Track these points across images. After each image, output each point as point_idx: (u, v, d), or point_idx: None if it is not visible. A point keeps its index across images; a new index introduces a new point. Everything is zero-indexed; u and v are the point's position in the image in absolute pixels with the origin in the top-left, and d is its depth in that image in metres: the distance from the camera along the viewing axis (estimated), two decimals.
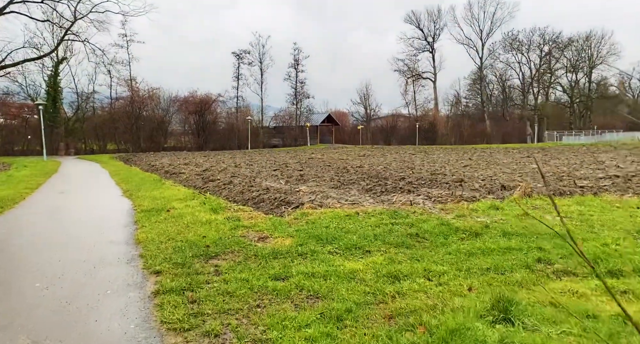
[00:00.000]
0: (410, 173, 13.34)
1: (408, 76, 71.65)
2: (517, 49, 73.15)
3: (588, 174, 11.72)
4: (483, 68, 74.07)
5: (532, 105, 74.60)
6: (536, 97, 76.34)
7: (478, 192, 8.53)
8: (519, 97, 78.21)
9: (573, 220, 6.03)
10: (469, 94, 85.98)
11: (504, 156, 24.14)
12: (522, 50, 73.36)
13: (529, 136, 71.82)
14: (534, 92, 76.20)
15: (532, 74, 74.11)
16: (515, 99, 79.77)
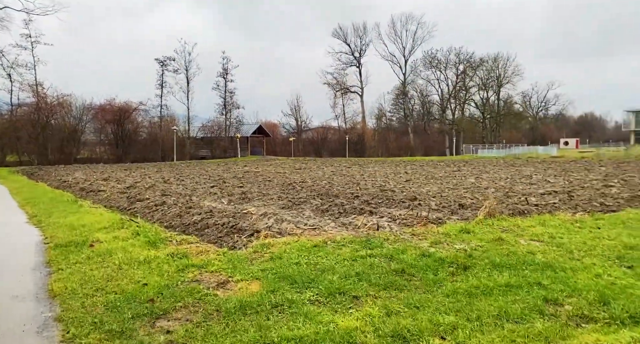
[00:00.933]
0: (358, 189, 12.89)
1: (337, 89, 72.98)
2: (436, 66, 78.12)
3: (527, 189, 12.12)
4: (406, 84, 77.85)
5: (450, 119, 79.91)
6: (453, 112, 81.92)
7: (441, 212, 8.21)
8: (438, 112, 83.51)
9: (548, 244, 5.81)
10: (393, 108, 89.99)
11: (436, 169, 24.95)
12: (440, 68, 78.47)
13: (447, 149, 76.71)
14: (452, 107, 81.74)
15: (449, 91, 79.49)
16: (435, 114, 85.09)
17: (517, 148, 63.52)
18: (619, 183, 12.92)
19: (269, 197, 11.28)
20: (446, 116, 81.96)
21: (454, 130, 77.16)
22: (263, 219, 7.83)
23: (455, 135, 76.17)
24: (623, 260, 5.01)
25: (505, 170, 22.85)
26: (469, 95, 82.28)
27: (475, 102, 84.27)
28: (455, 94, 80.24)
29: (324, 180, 17.10)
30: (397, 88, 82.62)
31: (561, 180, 14.89)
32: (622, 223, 7.05)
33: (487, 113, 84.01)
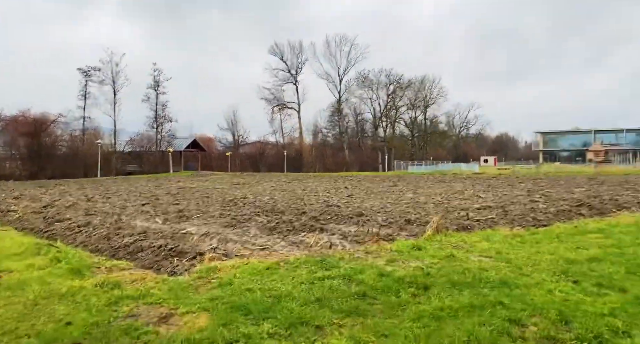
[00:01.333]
0: (303, 205, 12.60)
1: (274, 105, 72.83)
2: (369, 86, 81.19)
3: (463, 204, 12.62)
4: (341, 102, 79.86)
5: (382, 137, 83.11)
6: (385, 130, 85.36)
7: (389, 228, 8.16)
8: (371, 130, 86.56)
9: (497, 260, 5.91)
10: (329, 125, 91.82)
11: (373, 184, 25.45)
12: (372, 88, 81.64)
13: (380, 165, 79.43)
14: (383, 125, 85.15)
15: (381, 110, 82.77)
16: (368, 131, 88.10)
17: (443, 165, 67.40)
18: (542, 198, 13.94)
19: (210, 215, 10.60)
20: (378, 133, 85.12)
21: (385, 147, 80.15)
22: (206, 239, 7.24)
23: (387, 152, 79.18)
24: (568, 275, 5.17)
25: (437, 185, 23.88)
26: (399, 114, 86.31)
27: (404, 121, 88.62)
28: (386, 113, 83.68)
29: (266, 195, 16.61)
30: (332, 106, 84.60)
31: (490, 195, 15.77)
32: (557, 237, 7.44)
33: (415, 131, 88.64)
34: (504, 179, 32.82)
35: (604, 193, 15.34)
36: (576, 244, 6.81)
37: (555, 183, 24.05)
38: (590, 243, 6.90)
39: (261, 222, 9.31)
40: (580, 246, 6.61)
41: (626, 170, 46.81)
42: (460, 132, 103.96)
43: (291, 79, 75.03)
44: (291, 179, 33.52)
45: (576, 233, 7.79)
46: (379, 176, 42.67)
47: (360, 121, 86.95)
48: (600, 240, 7.09)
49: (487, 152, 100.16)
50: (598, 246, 6.58)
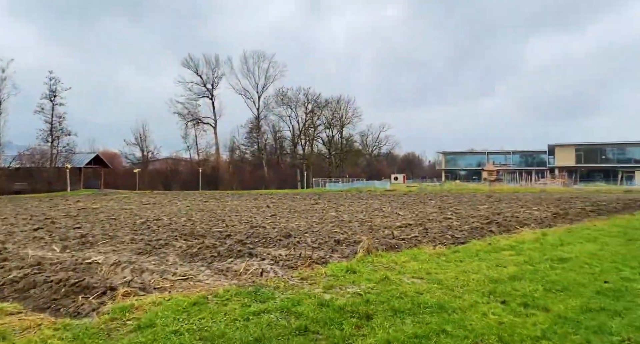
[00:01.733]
0: (226, 227, 11.90)
1: (188, 119, 69.82)
2: (287, 104, 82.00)
3: (385, 222, 12.95)
4: (260, 118, 79.41)
5: (301, 154, 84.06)
6: (304, 148, 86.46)
7: (321, 250, 7.93)
8: (290, 147, 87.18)
9: (429, 282, 5.98)
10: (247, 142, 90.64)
11: (295, 202, 25.29)
12: (291, 106, 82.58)
13: (299, 182, 79.99)
14: (302, 143, 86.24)
15: (299, 127, 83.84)
16: (287, 148, 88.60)
17: (358, 182, 69.82)
18: (453, 216, 14.87)
19: (119, 240, 9.47)
20: (297, 151, 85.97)
21: (304, 165, 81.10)
22: (117, 270, 6.36)
23: (306, 169, 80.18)
24: (495, 295, 5.35)
25: (357, 203, 24.48)
26: (317, 133, 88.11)
27: (322, 139, 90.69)
28: (305, 131, 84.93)
29: (183, 216, 15.49)
30: (251, 122, 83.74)
31: (408, 213, 16.47)
32: (476, 255, 7.84)
33: (332, 149, 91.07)
34: (415, 196, 34.85)
35: (505, 211, 16.88)
36: (495, 262, 7.21)
37: (460, 201, 26.08)
38: (506, 260, 7.36)
39: (180, 248, 8.52)
40: (499, 265, 7.01)
41: (515, 188, 52.79)
42: (372, 151, 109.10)
43: (207, 93, 72.90)
44: (208, 198, 32.02)
45: (492, 250, 8.29)
46: (299, 194, 42.74)
47: (279, 138, 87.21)
48: (513, 257, 7.61)
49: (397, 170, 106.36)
50: (514, 264, 7.03)
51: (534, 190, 49.65)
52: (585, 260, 7.34)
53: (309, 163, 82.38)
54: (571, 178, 65.35)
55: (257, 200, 28.43)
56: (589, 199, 26.76)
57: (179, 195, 38.55)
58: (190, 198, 30.59)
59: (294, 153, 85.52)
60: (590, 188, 51.82)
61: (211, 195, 36.88)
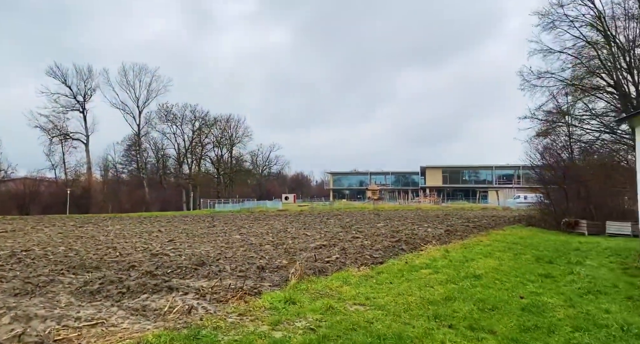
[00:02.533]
0: (119, 256, 10.32)
1: (54, 135, 61.05)
2: (172, 121, 77.52)
3: (300, 244, 12.68)
4: (141, 135, 73.49)
5: (187, 174, 79.67)
6: (190, 167, 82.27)
7: (249, 279, 7.26)
8: (174, 166, 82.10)
9: (372, 308, 5.78)
10: (125, 160, 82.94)
11: (189, 226, 23.53)
12: (176, 123, 78.25)
13: (184, 203, 75.53)
14: (188, 162, 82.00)
15: (185, 146, 79.71)
16: (171, 168, 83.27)
17: (249, 203, 68.62)
18: (360, 235, 15.31)
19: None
20: (183, 170, 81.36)
21: (190, 185, 77.00)
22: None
23: (192, 190, 76.20)
24: (440, 319, 5.35)
25: (256, 224, 23.80)
26: (205, 151, 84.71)
27: (210, 158, 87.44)
28: (191, 149, 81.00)
29: (59, 245, 13.10)
30: (129, 139, 76.89)
31: (315, 233, 16.48)
32: (401, 275, 8.00)
33: (221, 169, 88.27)
34: (311, 216, 35.41)
35: (402, 228, 17.99)
36: (421, 282, 7.43)
37: (356, 219, 27.19)
38: (430, 279, 7.64)
39: (71, 284, 7.06)
40: (427, 285, 7.23)
41: (395, 206, 57.46)
42: (263, 171, 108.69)
43: (77, 106, 65.02)
44: (82, 222, 27.99)
45: (411, 269, 8.57)
46: (188, 216, 40.06)
47: (163, 156, 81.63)
48: (434, 276, 7.94)
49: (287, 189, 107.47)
50: (439, 283, 7.33)
51: (411, 207, 54.60)
52: (494, 275, 8.02)
53: (196, 183, 78.43)
54: (439, 197, 73.47)
55: (143, 224, 25.78)
56: (463, 216, 30.21)
57: (41, 220, 32.98)
58: (60, 224, 26.36)
59: (179, 172, 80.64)
60: (457, 206, 59.05)
61: (85, 220, 32.37)
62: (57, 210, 51.85)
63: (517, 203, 58.38)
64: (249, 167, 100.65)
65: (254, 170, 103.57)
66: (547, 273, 8.38)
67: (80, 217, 38.25)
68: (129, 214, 48.55)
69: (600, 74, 20.44)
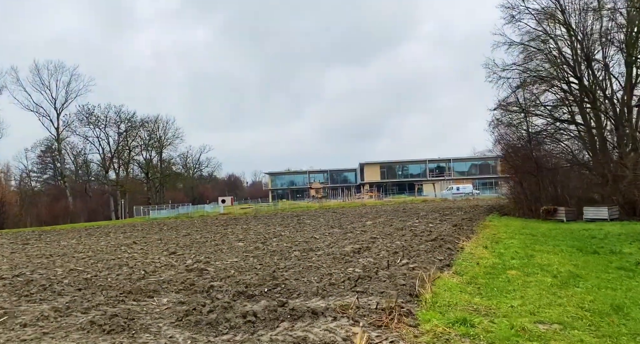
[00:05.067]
0: (154, 273, 8.89)
1: None
2: (95, 123, 70.86)
3: (331, 249, 12.04)
4: (60, 140, 66.13)
5: (114, 180, 73.40)
6: (117, 173, 75.92)
7: (369, 295, 6.37)
8: (101, 172, 75.14)
9: (560, 327, 5.09)
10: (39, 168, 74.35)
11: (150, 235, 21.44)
12: (99, 126, 71.69)
13: (113, 212, 69.68)
14: (115, 167, 75.60)
15: (111, 150, 73.39)
16: (97, 174, 76.15)
17: (184, 208, 65.14)
18: (379, 235, 15.01)
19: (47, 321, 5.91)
20: (109, 177, 74.81)
21: (118, 192, 71.17)
22: None
23: (121, 197, 70.51)
24: None
25: (228, 229, 22.46)
26: (132, 155, 78.72)
27: (138, 162, 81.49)
28: (118, 154, 74.78)
29: (52, 267, 10.99)
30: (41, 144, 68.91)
31: (325, 236, 15.85)
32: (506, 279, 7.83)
33: (151, 173, 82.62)
34: (266, 217, 34.47)
35: (402, 225, 18.00)
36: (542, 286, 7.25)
37: (331, 218, 26.89)
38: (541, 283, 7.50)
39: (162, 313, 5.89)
40: (549, 290, 6.76)
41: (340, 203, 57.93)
42: (194, 174, 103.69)
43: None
44: (14, 240, 24.23)
45: (497, 271, 8.01)
46: (129, 225, 36.64)
47: (85, 162, 74.36)
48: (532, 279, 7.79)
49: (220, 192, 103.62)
50: (558, 287, 6.99)
51: (356, 204, 55.50)
52: (582, 273, 7.75)
53: (125, 189, 72.59)
54: (380, 192, 75.91)
55: (97, 236, 23.01)
56: (426, 209, 31.29)
57: None
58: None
59: (105, 179, 73.88)
60: (399, 200, 61.29)
61: (12, 236, 28.10)
62: None
63: (454, 195, 62.40)
64: (179, 170, 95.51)
65: (185, 173, 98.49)
66: (620, 265, 8.35)
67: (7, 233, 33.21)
68: (54, 227, 43.34)
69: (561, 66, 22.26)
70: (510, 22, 22.26)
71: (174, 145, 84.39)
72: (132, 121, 74.87)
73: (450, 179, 74.42)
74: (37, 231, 36.63)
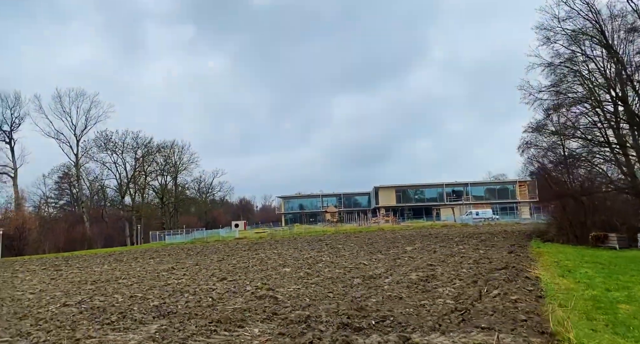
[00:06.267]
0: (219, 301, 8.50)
1: None
2: (112, 149, 71.78)
3: (394, 276, 11.57)
4: (79, 165, 66.91)
5: (130, 205, 73.56)
6: (133, 198, 76.17)
7: (510, 334, 5.74)
8: (117, 198, 75.44)
9: None
10: (59, 193, 75.00)
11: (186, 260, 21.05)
12: (117, 151, 72.57)
13: (128, 237, 69.56)
14: (131, 192, 75.92)
15: (127, 175, 73.95)
16: (114, 199, 76.49)
17: (198, 232, 64.76)
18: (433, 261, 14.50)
19: None
20: (125, 202, 75.08)
21: (134, 217, 71.21)
22: None
23: (137, 222, 70.52)
24: None
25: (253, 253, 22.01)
26: (149, 181, 79.23)
27: (153, 188, 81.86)
28: (134, 179, 75.30)
29: (107, 294, 10.67)
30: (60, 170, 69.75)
31: (368, 261, 15.40)
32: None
33: (166, 198, 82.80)
34: (288, 241, 33.91)
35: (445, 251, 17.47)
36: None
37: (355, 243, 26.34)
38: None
39: None
40: None
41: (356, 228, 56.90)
42: (207, 198, 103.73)
43: (3, 137, 57.81)
44: (46, 266, 23.96)
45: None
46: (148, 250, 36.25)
47: (103, 188, 74.84)
48: None
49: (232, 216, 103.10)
50: None
51: (373, 228, 54.58)
52: None
53: (141, 214, 72.63)
54: (395, 216, 74.94)
55: (127, 262, 22.68)
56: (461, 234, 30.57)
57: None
58: (22, 269, 22.27)
59: (122, 204, 74.05)
60: (418, 225, 60.25)
61: (42, 262, 27.85)
62: None
63: (474, 220, 61.22)
64: (192, 195, 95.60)
65: (198, 198, 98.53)
66: None
67: (24, 259, 32.99)
68: (72, 252, 43.14)
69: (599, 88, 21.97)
70: (545, 44, 22.27)
71: (188, 170, 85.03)
72: (148, 146, 75.80)
73: (469, 203, 73.38)
74: (59, 257, 36.42)
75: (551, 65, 22.34)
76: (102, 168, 70.29)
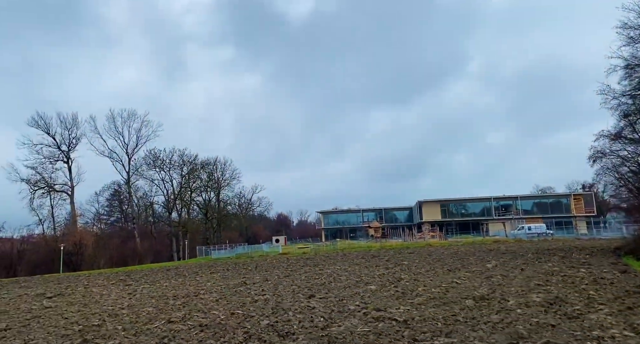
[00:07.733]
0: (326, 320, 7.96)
1: (36, 188, 56.36)
2: (160, 167, 73.99)
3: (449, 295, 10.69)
4: (130, 183, 69.34)
5: (177, 221, 75.21)
6: (180, 214, 77.96)
7: None
8: (165, 213, 77.43)
9: None
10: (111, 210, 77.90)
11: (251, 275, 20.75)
12: (164, 169, 74.72)
13: (175, 253, 70.88)
14: (178, 208, 77.73)
15: (174, 191, 75.82)
16: (161, 215, 78.56)
17: (242, 248, 64.97)
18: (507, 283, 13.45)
19: None
20: (172, 218, 76.91)
21: (180, 233, 72.61)
22: None
23: (183, 238, 71.87)
24: None
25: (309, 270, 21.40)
26: (194, 197, 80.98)
27: (197, 203, 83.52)
28: (181, 196, 77.14)
29: (209, 311, 10.41)
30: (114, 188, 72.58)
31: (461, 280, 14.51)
32: None
33: (209, 214, 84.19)
34: (339, 257, 33.07)
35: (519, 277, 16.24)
36: None
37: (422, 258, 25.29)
38: None
39: None
40: None
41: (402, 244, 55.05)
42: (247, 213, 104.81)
43: (61, 157, 60.80)
44: (114, 281, 24.37)
45: None
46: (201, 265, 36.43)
47: (152, 204, 77.05)
48: None
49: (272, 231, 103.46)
50: None
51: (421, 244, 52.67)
52: None
53: (187, 229, 74.01)
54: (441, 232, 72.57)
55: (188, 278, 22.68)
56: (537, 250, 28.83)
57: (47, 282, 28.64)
58: (94, 283, 22.71)
59: (169, 220, 75.90)
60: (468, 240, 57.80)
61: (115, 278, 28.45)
62: (45, 268, 46.42)
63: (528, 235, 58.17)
64: (235, 211, 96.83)
65: (238, 213, 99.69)
66: None
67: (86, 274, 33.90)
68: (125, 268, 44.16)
69: None
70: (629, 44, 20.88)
71: (230, 186, 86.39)
72: (194, 163, 77.77)
73: (519, 218, 70.10)
74: (119, 272, 37.30)
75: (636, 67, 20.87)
76: (150, 185, 72.48)
